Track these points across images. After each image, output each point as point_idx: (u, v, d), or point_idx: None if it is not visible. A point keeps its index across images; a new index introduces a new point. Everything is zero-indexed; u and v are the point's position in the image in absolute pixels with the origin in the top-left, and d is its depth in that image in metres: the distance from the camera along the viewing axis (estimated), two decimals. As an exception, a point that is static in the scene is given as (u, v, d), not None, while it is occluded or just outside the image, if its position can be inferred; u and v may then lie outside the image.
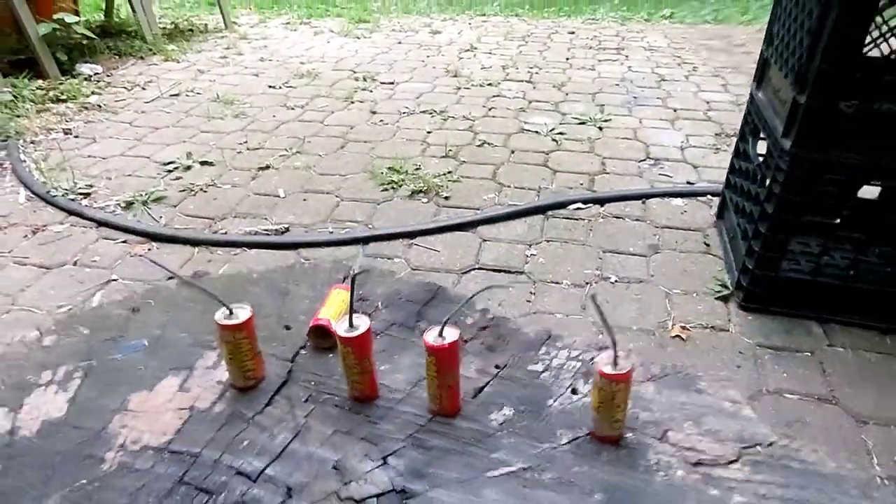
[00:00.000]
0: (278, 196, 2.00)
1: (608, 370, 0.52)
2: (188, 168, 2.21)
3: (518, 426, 0.55)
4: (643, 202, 1.85)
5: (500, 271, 1.59)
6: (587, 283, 1.52)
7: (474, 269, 1.60)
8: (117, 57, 3.57)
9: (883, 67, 1.22)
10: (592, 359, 0.63)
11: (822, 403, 1.19)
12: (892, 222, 1.25)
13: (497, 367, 0.61)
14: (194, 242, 1.79)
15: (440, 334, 0.55)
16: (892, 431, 1.14)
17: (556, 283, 1.53)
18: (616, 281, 1.52)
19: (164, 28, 4.19)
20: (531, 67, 3.18)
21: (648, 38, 3.78)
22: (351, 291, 0.59)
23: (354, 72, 3.17)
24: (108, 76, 3.24)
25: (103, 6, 4.25)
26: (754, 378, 1.24)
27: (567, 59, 3.35)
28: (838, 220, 1.33)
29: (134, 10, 3.71)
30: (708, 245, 1.64)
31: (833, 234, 1.30)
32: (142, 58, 3.54)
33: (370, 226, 1.81)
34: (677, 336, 1.34)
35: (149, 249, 1.80)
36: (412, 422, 0.55)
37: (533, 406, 0.57)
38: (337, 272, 0.76)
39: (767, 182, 1.29)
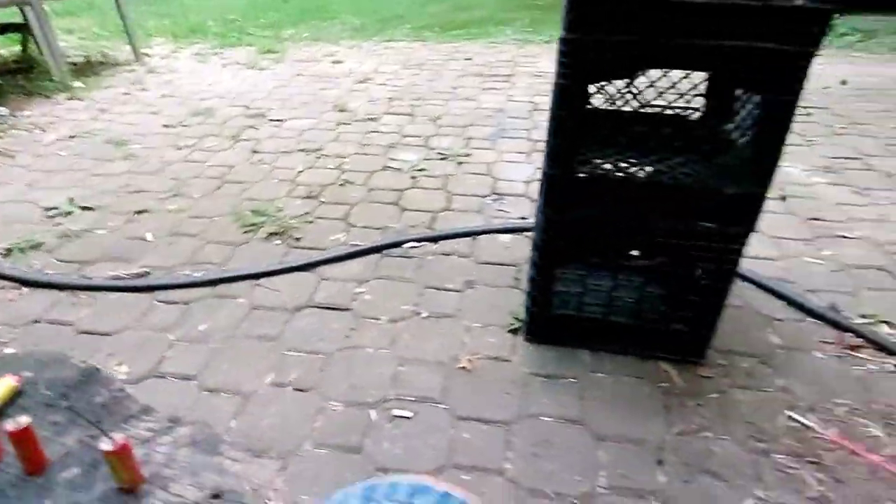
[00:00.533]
0: (146, 240, 2.14)
1: (104, 447, 0.69)
2: (69, 213, 2.32)
3: (75, 482, 0.72)
4: (474, 239, 2.04)
5: (329, 308, 1.76)
6: (402, 319, 1.71)
7: (307, 307, 1.77)
8: (25, 97, 3.63)
9: (607, 136, 1.43)
10: (169, 428, 0.81)
11: (571, 425, 1.39)
12: (635, 267, 1.46)
13: (89, 436, 0.78)
14: (61, 287, 1.91)
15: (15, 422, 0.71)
16: (624, 447, 1.34)
17: (376, 319, 1.71)
18: (427, 316, 1.71)
19: (76, 64, 4.25)
20: (416, 99, 3.37)
21: (540, 64, 4.01)
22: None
23: (248, 108, 3.31)
24: (13, 117, 3.30)
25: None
26: (518, 403, 1.44)
27: (454, 88, 3.55)
28: (593, 265, 1.55)
29: (41, 50, 3.77)
30: (518, 280, 1.84)
31: (590, 276, 1.51)
32: (48, 97, 3.61)
33: (224, 268, 1.96)
34: (463, 367, 1.53)
35: (20, 294, 1.92)
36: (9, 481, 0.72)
37: (95, 466, 0.74)
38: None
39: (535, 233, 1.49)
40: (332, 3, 7.10)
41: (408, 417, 1.42)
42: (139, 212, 2.32)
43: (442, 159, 2.62)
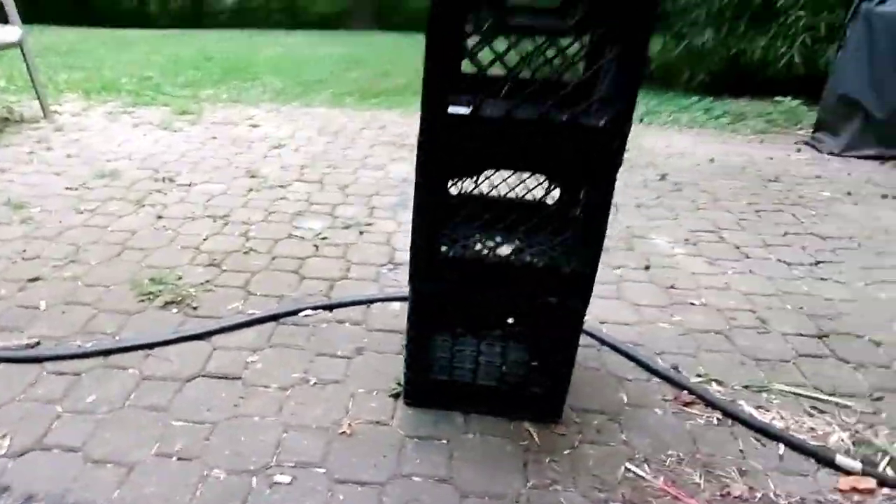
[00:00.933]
0: (39, 309, 2.14)
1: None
2: (-43, 281, 2.29)
3: None
4: (367, 307, 2.18)
5: (219, 378, 1.83)
6: (291, 386, 1.80)
7: (198, 376, 1.83)
8: (-83, 153, 3.52)
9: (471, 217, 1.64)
10: None
11: (440, 483, 1.52)
12: (496, 335, 1.65)
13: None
14: (-58, 360, 1.88)
15: None
16: (485, 502, 1.48)
17: (265, 387, 1.80)
18: (315, 383, 1.82)
19: (-23, 118, 4.17)
20: (328, 166, 3.54)
21: (450, 134, 4.29)
22: None
23: (157, 171, 3.36)
24: None
25: None
26: (393, 465, 1.56)
27: (365, 157, 3.75)
28: (459, 333, 1.72)
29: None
30: (403, 346, 1.99)
31: (458, 344, 1.68)
32: (-56, 154, 3.52)
33: (117, 338, 2.00)
34: (344, 432, 1.65)
35: None
36: None
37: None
38: None
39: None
40: (255, 65, 7.28)
41: (287, 483, 1.51)
42: (33, 279, 2.31)
43: (345, 228, 2.77)
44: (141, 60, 7.36)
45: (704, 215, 3.15)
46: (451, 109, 1.32)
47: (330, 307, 2.15)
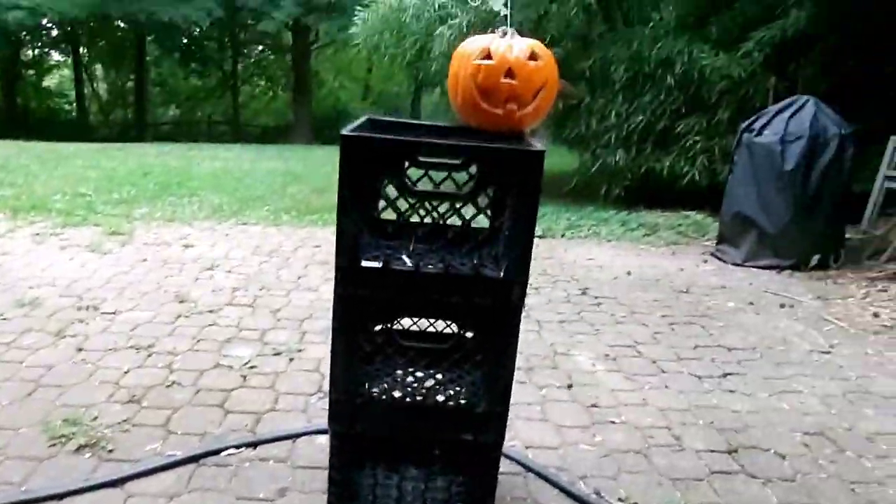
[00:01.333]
0: (-64, 459, 2.00)
1: None
2: None
3: None
4: (293, 442, 2.17)
5: (132, 531, 1.75)
6: (209, 536, 1.74)
7: (108, 531, 1.75)
8: None
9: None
10: None
11: None
12: (415, 475, 1.69)
13: None
14: None
15: None
16: None
17: (180, 539, 1.73)
18: (234, 530, 1.77)
19: None
20: (260, 289, 3.58)
21: (384, 251, 4.43)
22: None
23: (81, 298, 3.29)
24: None
25: None
26: None
27: (299, 278, 3.82)
28: (382, 470, 1.75)
29: None
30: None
31: (379, 481, 1.70)
32: None
33: (23, 488, 1.88)
34: (261, 586, 1.59)
35: None
36: None
37: None
38: None
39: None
40: (193, 179, 7.39)
41: None
42: (-66, 423, 2.18)
43: (275, 355, 2.77)
44: (76, 175, 7.34)
45: (623, 329, 3.34)
46: (364, 263, 1.43)
47: (254, 444, 2.11)
